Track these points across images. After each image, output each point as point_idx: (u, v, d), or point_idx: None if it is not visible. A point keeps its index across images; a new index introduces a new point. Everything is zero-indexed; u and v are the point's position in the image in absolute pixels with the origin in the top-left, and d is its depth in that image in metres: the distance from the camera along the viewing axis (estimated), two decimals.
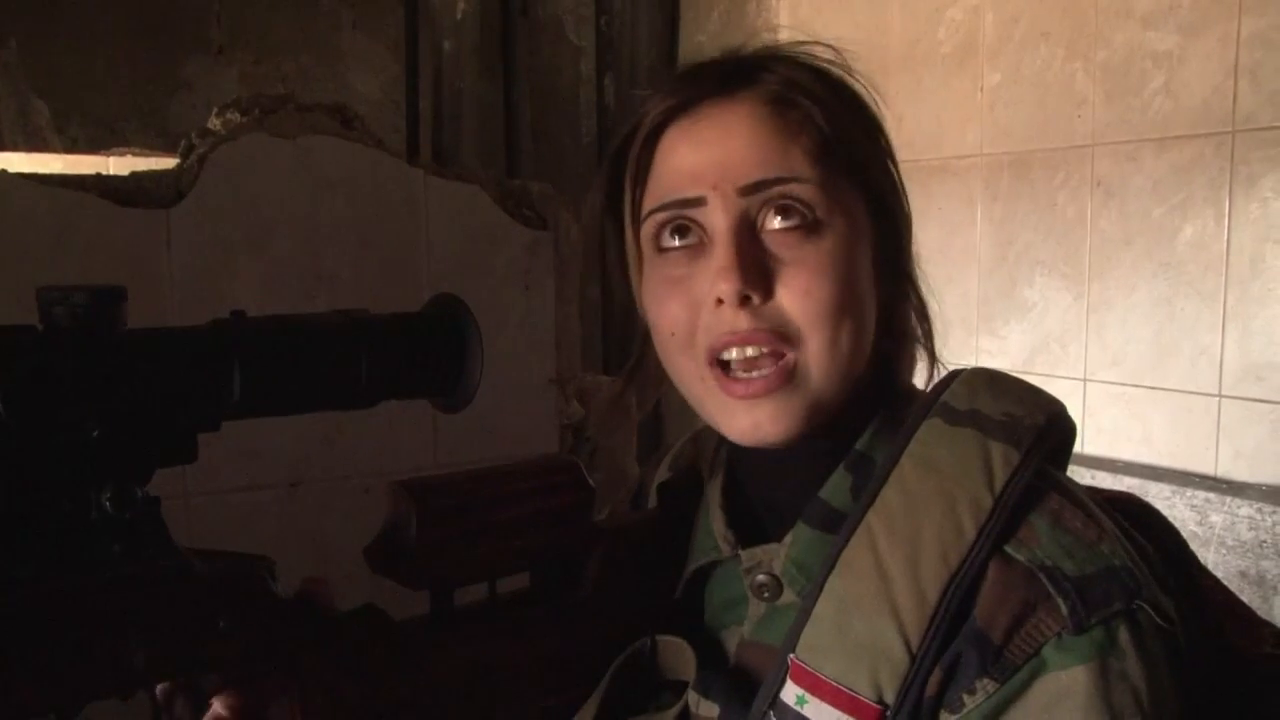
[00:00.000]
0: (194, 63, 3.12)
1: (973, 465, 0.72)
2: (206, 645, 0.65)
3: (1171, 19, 2.15)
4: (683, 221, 0.78)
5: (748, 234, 0.76)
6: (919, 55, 2.64)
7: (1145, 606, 0.68)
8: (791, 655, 0.71)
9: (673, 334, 0.79)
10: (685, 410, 0.85)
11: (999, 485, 0.71)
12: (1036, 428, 0.74)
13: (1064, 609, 0.67)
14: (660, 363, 0.84)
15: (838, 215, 0.76)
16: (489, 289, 2.28)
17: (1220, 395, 2.11)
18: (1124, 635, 0.67)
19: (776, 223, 0.76)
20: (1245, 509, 2.01)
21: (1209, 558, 2.05)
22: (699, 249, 0.77)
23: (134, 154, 2.96)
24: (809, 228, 0.75)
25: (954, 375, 0.79)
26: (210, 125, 2.10)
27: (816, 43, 0.83)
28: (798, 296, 0.75)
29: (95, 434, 0.59)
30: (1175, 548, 0.81)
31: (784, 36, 0.85)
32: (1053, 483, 0.74)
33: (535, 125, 3.52)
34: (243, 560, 0.68)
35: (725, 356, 0.76)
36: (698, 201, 0.77)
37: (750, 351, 0.75)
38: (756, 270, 0.74)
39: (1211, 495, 2.07)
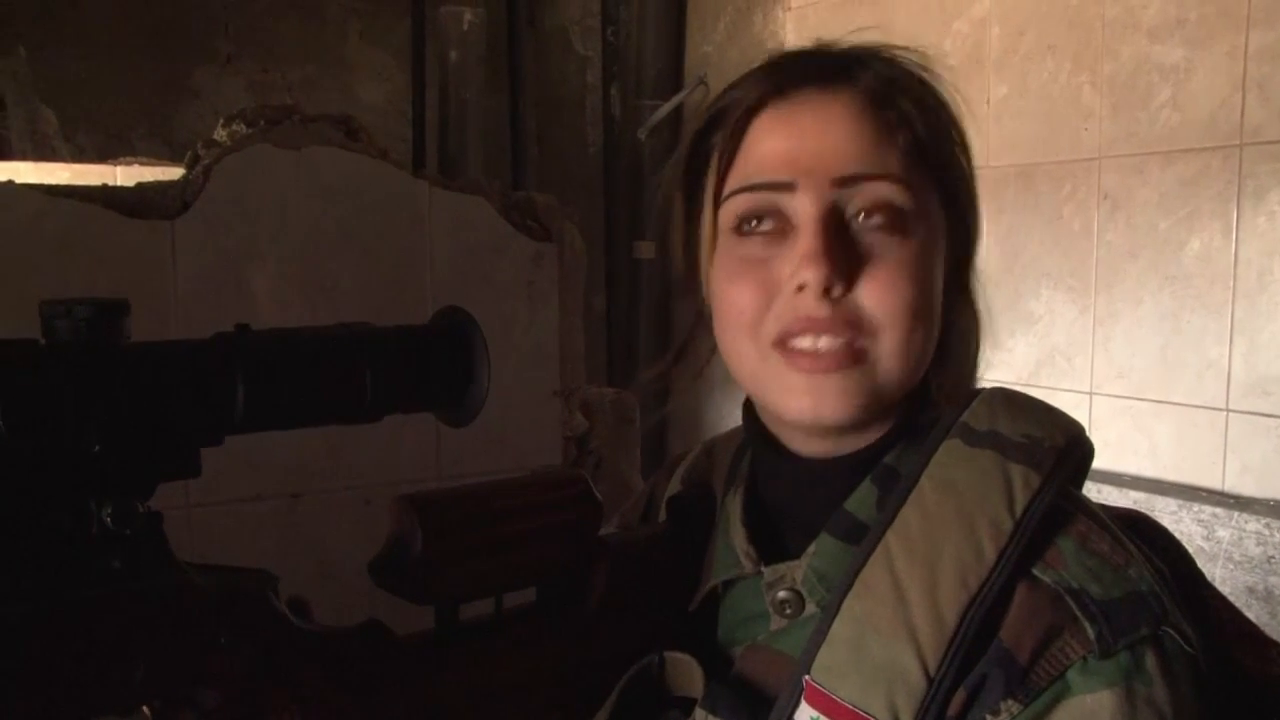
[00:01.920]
0: (202, 72, 3.12)
1: (993, 487, 0.71)
2: (207, 661, 0.64)
3: (1179, 32, 2.15)
4: (767, 205, 0.77)
5: (837, 224, 0.75)
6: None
7: (1171, 632, 0.68)
8: (806, 677, 0.70)
9: (741, 313, 0.77)
10: (690, 423, 0.85)
11: (1019, 508, 0.70)
12: (1056, 450, 0.73)
13: (1090, 633, 0.67)
14: (701, 350, 0.84)
15: (922, 219, 0.76)
16: (492, 301, 2.27)
17: (1228, 409, 2.10)
18: (1150, 660, 0.66)
19: (865, 219, 0.75)
20: (1253, 524, 2.00)
21: (1216, 573, 2.04)
22: (780, 236, 0.76)
23: (141, 163, 2.96)
24: (896, 227, 0.75)
25: (973, 394, 0.79)
26: (216, 136, 2.10)
27: (908, 48, 0.82)
28: (880, 291, 0.74)
29: (96, 449, 0.59)
30: (1182, 565, 0.80)
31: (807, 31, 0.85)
32: (1079, 506, 0.74)
33: (541, 135, 3.52)
34: (244, 575, 0.68)
35: (796, 344, 0.75)
36: (788, 186, 0.75)
37: (824, 342, 0.74)
38: (843, 260, 0.74)
39: (1219, 510, 2.06)
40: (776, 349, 0.76)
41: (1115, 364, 2.30)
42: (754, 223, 0.77)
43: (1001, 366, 2.51)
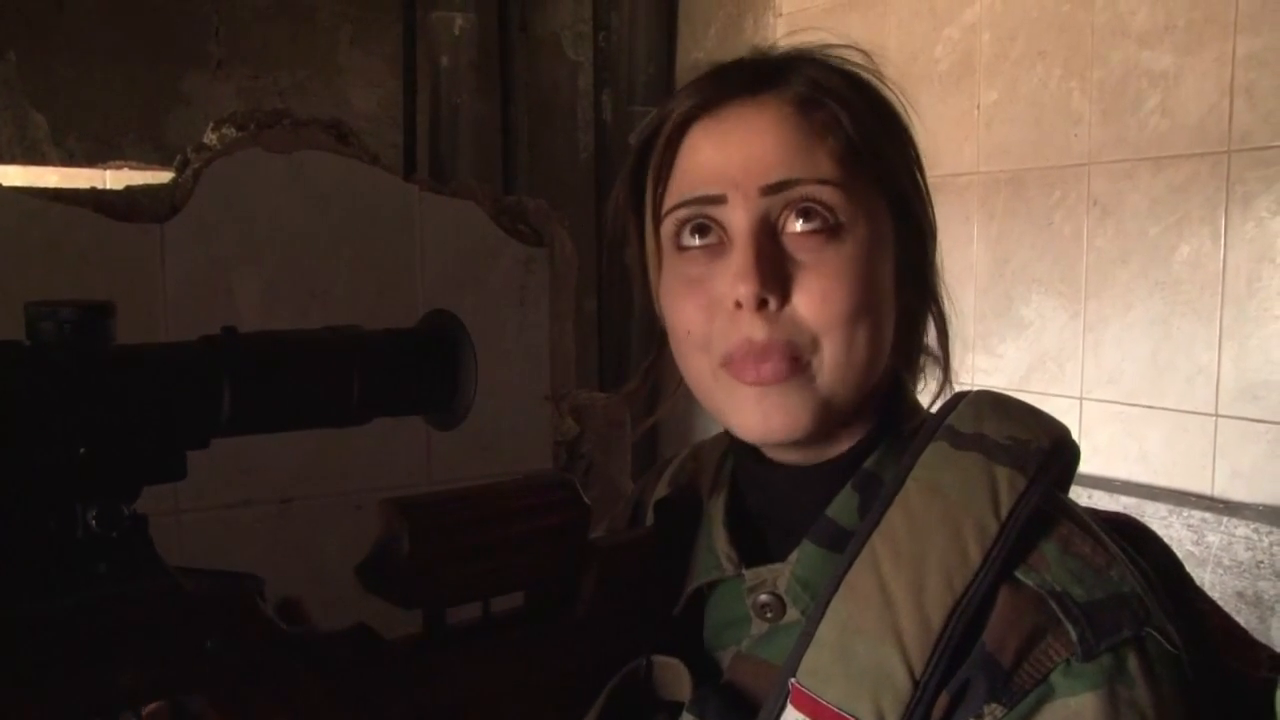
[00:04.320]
0: (192, 77, 3.12)
1: (978, 490, 0.71)
2: (194, 666, 0.64)
3: (1168, 38, 2.16)
4: (703, 220, 0.77)
5: (768, 235, 0.75)
6: (916, 73, 2.64)
7: (1154, 634, 0.68)
8: (793, 680, 0.70)
9: (688, 333, 0.78)
10: (680, 427, 0.85)
11: (1004, 510, 0.70)
12: (1042, 452, 0.73)
13: (1073, 635, 0.67)
14: (675, 364, 0.84)
15: (860, 220, 0.75)
16: (484, 305, 2.27)
17: (1217, 414, 2.11)
18: (1133, 662, 0.66)
19: (798, 225, 0.75)
20: (1242, 529, 2.01)
21: (1205, 578, 2.04)
22: (718, 249, 0.77)
23: (131, 168, 2.96)
24: (830, 231, 0.75)
25: (959, 397, 0.79)
26: (206, 140, 2.10)
27: (848, 46, 0.82)
28: (815, 301, 0.74)
29: (81, 451, 0.59)
30: (1171, 569, 0.80)
31: (790, 39, 0.85)
32: (1061, 508, 0.74)
33: (532, 141, 3.52)
34: (231, 579, 0.68)
35: (740, 363, 0.75)
36: (719, 199, 0.76)
37: (766, 365, 0.74)
38: (775, 273, 0.74)
39: (1208, 515, 2.06)
40: (724, 368, 0.76)
41: (1105, 369, 2.31)
42: (693, 237, 0.78)
43: (992, 372, 2.52)
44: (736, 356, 0.75)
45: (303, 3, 3.26)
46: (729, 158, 0.76)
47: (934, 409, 0.82)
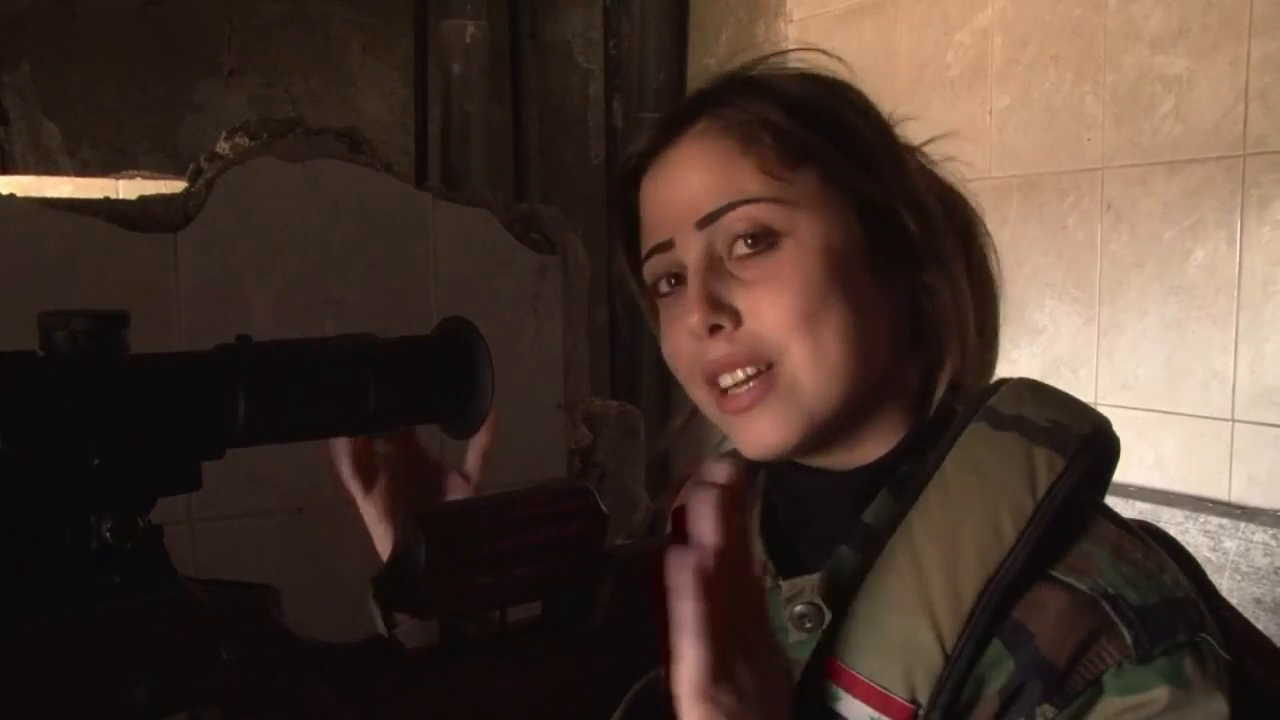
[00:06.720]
0: (205, 86, 3.13)
1: (1015, 469, 0.72)
2: (209, 677, 0.63)
3: (1181, 43, 2.15)
4: (666, 265, 0.81)
5: (710, 266, 0.78)
6: (927, 78, 2.64)
7: (1208, 639, 0.68)
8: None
9: (678, 368, 0.82)
10: (693, 440, 0.86)
11: (1041, 490, 0.70)
12: (1082, 436, 0.74)
13: (1128, 638, 0.67)
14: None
15: (800, 223, 0.76)
16: (497, 313, 2.27)
17: (1233, 420, 2.10)
18: (1189, 666, 0.67)
19: (739, 247, 0.77)
20: (1260, 535, 1.99)
21: (1223, 584, 2.03)
22: (683, 287, 0.80)
23: (144, 177, 2.97)
24: (769, 245, 0.76)
25: (1000, 383, 0.79)
26: (219, 149, 2.10)
27: (789, 51, 0.85)
28: (764, 312, 0.76)
29: (95, 462, 0.58)
30: (1195, 577, 0.80)
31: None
32: (1101, 508, 0.74)
33: (544, 148, 3.52)
34: (247, 590, 0.67)
35: (722, 383, 0.78)
36: (668, 245, 0.80)
37: (739, 374, 0.77)
38: (719, 298, 0.76)
39: (1225, 521, 2.05)
40: (712, 389, 0.79)
41: (1120, 375, 2.29)
42: (667, 281, 0.82)
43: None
44: (713, 373, 0.78)
45: (315, 12, 3.27)
46: (668, 202, 0.80)
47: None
